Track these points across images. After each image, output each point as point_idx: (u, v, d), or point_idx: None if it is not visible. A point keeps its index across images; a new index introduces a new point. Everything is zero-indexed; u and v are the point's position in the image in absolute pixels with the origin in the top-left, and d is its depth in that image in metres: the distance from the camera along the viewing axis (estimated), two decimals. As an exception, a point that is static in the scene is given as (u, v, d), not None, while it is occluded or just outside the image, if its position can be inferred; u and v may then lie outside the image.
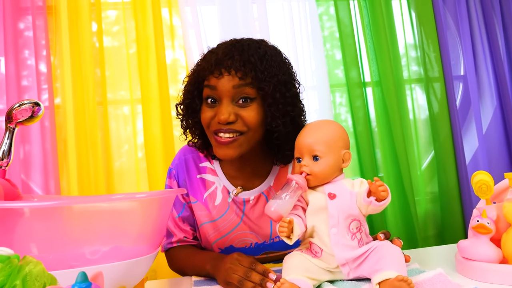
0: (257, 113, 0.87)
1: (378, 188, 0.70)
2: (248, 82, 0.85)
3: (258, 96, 0.87)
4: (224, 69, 0.85)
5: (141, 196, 0.74)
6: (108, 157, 1.68)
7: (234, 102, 0.86)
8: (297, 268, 0.72)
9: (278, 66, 0.89)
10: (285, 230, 0.72)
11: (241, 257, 0.80)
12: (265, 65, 0.86)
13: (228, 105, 0.85)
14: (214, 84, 0.86)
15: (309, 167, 0.76)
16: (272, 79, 0.86)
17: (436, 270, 0.73)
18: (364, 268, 0.72)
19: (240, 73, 0.84)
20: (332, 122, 0.83)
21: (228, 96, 0.85)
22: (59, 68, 1.66)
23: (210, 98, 0.88)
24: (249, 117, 0.86)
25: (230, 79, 0.85)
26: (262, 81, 0.85)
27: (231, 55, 0.86)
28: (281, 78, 0.88)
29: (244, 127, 0.86)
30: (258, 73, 0.85)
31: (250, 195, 0.97)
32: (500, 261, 0.72)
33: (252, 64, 0.85)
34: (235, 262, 0.79)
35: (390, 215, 1.84)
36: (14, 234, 0.68)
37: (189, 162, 1.02)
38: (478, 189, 0.76)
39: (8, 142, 0.86)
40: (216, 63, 0.86)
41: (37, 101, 0.87)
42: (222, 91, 0.86)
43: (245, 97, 0.86)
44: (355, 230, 0.74)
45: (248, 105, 0.86)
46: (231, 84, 0.85)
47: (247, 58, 0.85)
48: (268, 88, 0.85)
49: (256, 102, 0.87)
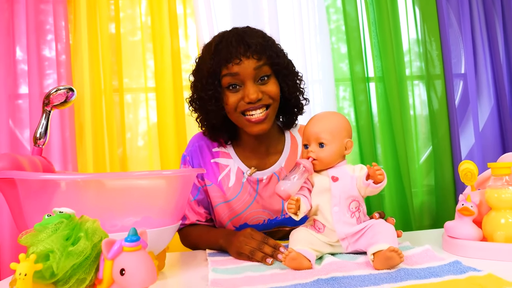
0: (276, 86, 1.02)
1: (375, 172, 0.80)
2: (264, 62, 0.98)
3: (272, 72, 1.01)
4: (242, 55, 0.96)
5: (167, 173, 0.84)
6: (123, 142, 1.78)
7: (256, 82, 0.98)
8: (303, 241, 0.82)
9: (275, 43, 1.06)
10: (293, 207, 0.82)
11: (255, 232, 0.90)
12: (271, 45, 1.02)
13: (253, 85, 0.97)
14: (236, 71, 0.97)
15: (316, 153, 0.86)
16: (280, 54, 1.02)
17: (424, 247, 0.83)
18: (361, 243, 0.82)
19: (257, 55, 0.97)
20: (337, 113, 0.93)
21: (250, 78, 0.97)
22: (78, 55, 1.74)
23: (232, 85, 0.99)
24: (272, 90, 1.00)
25: (249, 62, 0.97)
26: (274, 58, 1.00)
27: (244, 42, 0.98)
28: (283, 53, 1.05)
29: (270, 99, 1.00)
30: (270, 52, 0.99)
31: (263, 175, 1.08)
32: (480, 240, 0.82)
33: (263, 46, 0.99)
34: (249, 236, 0.89)
35: (388, 205, 1.93)
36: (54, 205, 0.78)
37: (202, 148, 1.12)
38: (463, 176, 0.85)
39: (45, 123, 0.96)
40: (233, 51, 0.97)
41: (71, 87, 0.96)
42: (245, 75, 0.97)
43: (263, 76, 0.99)
44: (354, 209, 0.84)
45: (267, 82, 1.00)
46: (251, 67, 0.97)
47: (258, 41, 0.98)
48: (282, 62, 1.01)
49: (272, 77, 1.01)
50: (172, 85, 1.78)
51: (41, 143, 0.95)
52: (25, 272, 0.46)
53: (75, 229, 0.52)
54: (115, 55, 1.78)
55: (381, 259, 0.73)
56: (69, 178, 0.78)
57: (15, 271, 0.47)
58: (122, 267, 0.50)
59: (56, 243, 0.50)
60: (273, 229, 1.11)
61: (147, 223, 0.78)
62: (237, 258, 0.90)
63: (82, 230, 0.52)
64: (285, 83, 1.03)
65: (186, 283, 0.79)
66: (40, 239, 0.50)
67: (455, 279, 0.65)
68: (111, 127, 1.73)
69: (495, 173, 0.81)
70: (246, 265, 0.84)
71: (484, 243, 0.79)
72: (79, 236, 0.51)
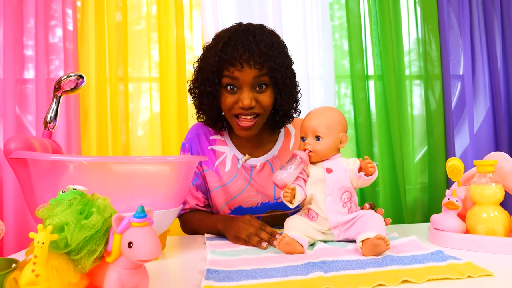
0: (270, 96, 1.05)
1: (367, 165, 0.85)
2: (265, 73, 1.01)
3: (270, 82, 1.04)
4: (245, 63, 0.99)
5: (171, 159, 0.89)
6: (126, 130, 1.82)
7: (252, 89, 1.02)
8: (296, 228, 0.87)
9: (283, 51, 1.06)
10: (288, 196, 0.87)
11: (253, 219, 0.95)
12: (276, 54, 1.02)
13: (249, 92, 1.01)
14: (236, 76, 1.01)
15: (312, 145, 0.90)
16: (282, 66, 1.03)
17: (410, 237, 0.87)
18: (351, 231, 0.87)
19: (259, 65, 1.00)
20: (333, 108, 0.97)
21: (248, 85, 1.01)
22: (84, 43, 1.78)
23: (230, 86, 1.03)
24: (265, 101, 1.04)
25: (250, 71, 1.00)
26: (275, 70, 1.02)
27: (249, 48, 0.99)
28: (287, 64, 1.06)
29: (261, 109, 1.04)
30: (272, 64, 1.01)
31: (257, 162, 1.14)
32: (464, 232, 0.87)
33: (266, 56, 1.00)
34: (247, 222, 0.94)
35: (382, 201, 1.99)
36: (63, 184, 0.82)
37: (200, 136, 1.18)
38: (450, 172, 0.90)
39: (55, 108, 1.00)
40: (238, 57, 0.99)
41: (81, 74, 1.00)
42: (244, 81, 1.01)
43: (261, 84, 1.03)
44: (346, 200, 0.89)
45: (264, 90, 1.04)
46: (251, 76, 1.00)
47: (262, 51, 1.00)
48: (280, 76, 1.03)
49: (270, 87, 1.05)
50: (176, 75, 1.82)
51: (51, 126, 0.99)
52: (43, 241, 0.51)
53: (87, 204, 0.57)
54: (122, 44, 1.82)
55: (369, 246, 0.78)
56: (78, 159, 0.83)
57: (33, 240, 0.52)
58: (130, 240, 0.55)
59: (70, 216, 0.54)
60: (266, 213, 1.16)
61: (151, 205, 0.83)
62: (234, 242, 0.95)
63: (94, 206, 0.57)
64: (279, 95, 1.06)
65: (185, 263, 0.84)
66: (56, 213, 0.55)
67: (436, 266, 0.70)
68: (115, 115, 1.77)
69: (479, 170, 0.86)
70: (242, 249, 0.89)
71: (466, 235, 0.85)
72: (91, 211, 0.56)
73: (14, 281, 0.52)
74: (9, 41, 1.68)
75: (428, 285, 0.62)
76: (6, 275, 0.53)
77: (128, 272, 0.57)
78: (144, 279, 0.60)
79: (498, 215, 0.83)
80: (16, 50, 1.71)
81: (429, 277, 0.64)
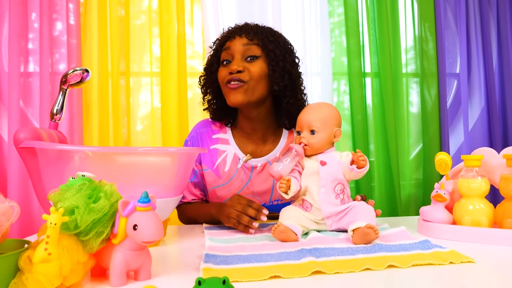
0: (261, 68, 1.10)
1: (359, 158, 0.90)
2: (255, 42, 1.09)
3: (263, 54, 1.10)
4: (236, 34, 1.10)
5: (173, 150, 0.93)
6: (128, 123, 1.86)
7: (243, 58, 1.09)
8: (291, 217, 0.92)
9: (283, 43, 1.14)
10: (283, 186, 0.91)
11: (241, 197, 1.00)
12: (270, 33, 1.12)
13: (238, 60, 1.09)
14: (228, 45, 1.11)
15: (307, 139, 0.95)
16: (274, 42, 1.11)
17: (400, 228, 0.92)
18: (343, 221, 0.91)
19: (249, 35, 1.10)
20: (328, 104, 1.01)
21: (239, 53, 1.09)
22: (87, 37, 1.81)
23: (225, 60, 1.11)
24: (254, 70, 1.09)
25: (240, 39, 1.10)
26: (266, 42, 1.10)
27: (243, 25, 1.13)
28: (284, 46, 1.13)
29: (247, 77, 1.08)
30: (263, 36, 1.10)
31: (257, 162, 1.17)
32: (451, 223, 0.91)
33: (259, 29, 1.11)
34: (236, 201, 0.99)
35: (377, 195, 2.03)
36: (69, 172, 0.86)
37: (203, 135, 1.22)
38: (438, 166, 0.95)
39: (61, 100, 1.04)
40: (231, 31, 1.12)
41: (86, 68, 1.04)
42: (234, 50, 1.09)
43: (252, 56, 1.09)
44: (339, 192, 0.93)
45: (254, 61, 1.10)
46: (241, 43, 1.09)
47: (256, 26, 1.12)
48: (271, 46, 1.09)
49: (261, 60, 1.10)
50: (177, 70, 1.85)
51: (57, 118, 1.03)
52: (55, 222, 0.55)
53: (96, 190, 0.61)
54: (124, 39, 1.86)
55: (359, 234, 0.82)
56: (83, 149, 0.87)
57: (44, 222, 0.56)
58: (135, 223, 0.59)
59: (80, 200, 0.58)
60: None
61: (155, 193, 0.87)
62: (226, 224, 0.99)
63: (102, 191, 0.61)
64: (271, 68, 1.09)
65: (185, 249, 0.88)
66: (67, 197, 0.59)
67: (421, 253, 0.74)
68: (117, 109, 1.81)
69: (466, 164, 0.90)
70: (239, 237, 0.93)
71: (453, 226, 0.89)
72: (99, 195, 0.60)
73: (28, 259, 0.57)
74: (14, 35, 1.71)
75: (412, 270, 0.67)
76: (21, 253, 0.58)
77: (132, 253, 0.61)
78: (147, 261, 0.64)
79: (483, 207, 0.87)
80: (20, 44, 1.74)
81: (413, 263, 0.68)
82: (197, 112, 1.92)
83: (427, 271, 0.66)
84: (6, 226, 0.57)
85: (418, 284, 0.61)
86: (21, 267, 0.57)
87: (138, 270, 0.64)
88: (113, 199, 0.61)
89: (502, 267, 0.69)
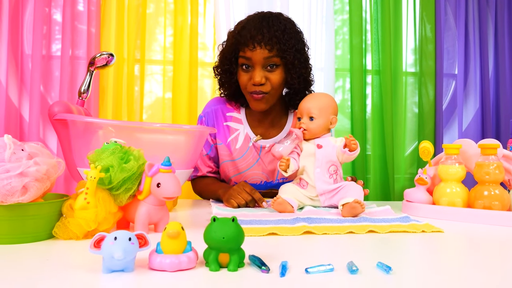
0: (280, 75, 1.18)
1: (351, 142, 1.01)
2: (275, 54, 1.15)
3: (281, 63, 1.17)
4: (257, 44, 1.14)
5: (186, 128, 1.05)
6: (140, 109, 1.98)
7: (264, 68, 1.16)
8: (288, 192, 1.04)
9: (295, 36, 1.19)
10: (283, 165, 1.03)
11: (246, 185, 1.10)
12: (286, 38, 1.16)
13: (260, 71, 1.16)
14: (249, 56, 1.15)
15: (306, 124, 1.06)
16: (291, 49, 1.16)
17: (385, 207, 1.04)
18: (335, 199, 1.03)
19: (269, 46, 1.14)
20: (326, 94, 1.13)
21: (259, 64, 1.15)
22: (105, 25, 1.93)
23: (245, 65, 1.17)
24: (274, 79, 1.17)
25: (261, 51, 1.14)
26: (284, 51, 1.15)
27: (261, 31, 1.14)
28: (298, 47, 1.19)
29: (269, 87, 1.17)
30: (281, 45, 1.15)
31: (266, 143, 1.28)
32: (430, 204, 1.03)
33: (277, 38, 1.14)
34: (241, 186, 1.09)
35: (372, 186, 2.14)
36: (95, 143, 0.98)
37: (217, 111, 1.32)
38: (422, 153, 1.06)
39: (88, 80, 1.16)
40: (250, 38, 1.14)
41: (112, 52, 1.16)
42: (256, 61, 1.15)
43: (272, 64, 1.16)
44: (332, 172, 1.05)
45: (274, 70, 1.17)
46: (262, 56, 1.14)
47: (273, 34, 1.14)
48: (289, 57, 1.16)
49: (280, 67, 1.18)
50: (189, 60, 1.97)
51: (84, 96, 1.15)
52: (94, 176, 0.67)
53: (126, 153, 0.73)
54: (140, 27, 1.97)
55: (347, 208, 0.94)
56: (109, 122, 0.99)
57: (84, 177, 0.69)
58: (158, 181, 0.71)
59: (114, 160, 0.70)
60: (267, 190, 1.32)
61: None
62: (226, 205, 1.09)
63: (132, 154, 0.73)
64: (289, 75, 1.19)
65: (194, 215, 1.00)
66: (103, 158, 0.71)
67: (399, 224, 0.86)
68: (131, 95, 1.93)
69: (447, 152, 1.01)
70: (242, 208, 1.05)
71: (432, 206, 1.01)
72: (129, 158, 0.72)
73: (69, 206, 0.69)
74: (38, 18, 1.83)
75: (389, 235, 0.78)
76: (63, 201, 0.70)
77: (155, 207, 0.74)
78: (166, 215, 0.76)
79: (459, 191, 0.99)
80: (42, 28, 1.86)
81: (390, 230, 0.80)
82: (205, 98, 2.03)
83: (401, 236, 0.78)
84: (54, 177, 0.69)
85: (393, 245, 0.73)
86: (64, 212, 0.69)
87: (157, 223, 0.76)
88: (140, 162, 0.73)
89: (467, 238, 0.81)
